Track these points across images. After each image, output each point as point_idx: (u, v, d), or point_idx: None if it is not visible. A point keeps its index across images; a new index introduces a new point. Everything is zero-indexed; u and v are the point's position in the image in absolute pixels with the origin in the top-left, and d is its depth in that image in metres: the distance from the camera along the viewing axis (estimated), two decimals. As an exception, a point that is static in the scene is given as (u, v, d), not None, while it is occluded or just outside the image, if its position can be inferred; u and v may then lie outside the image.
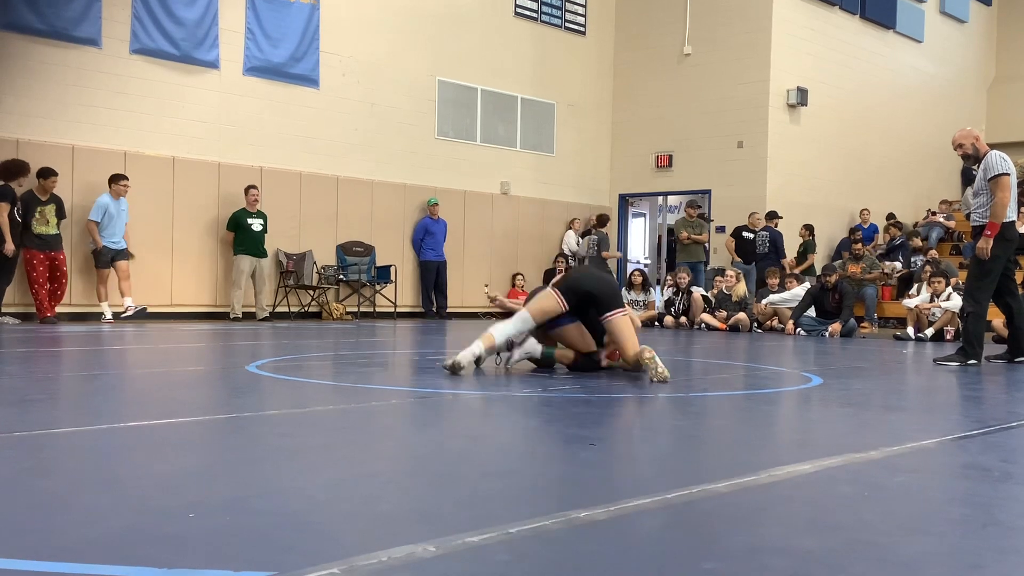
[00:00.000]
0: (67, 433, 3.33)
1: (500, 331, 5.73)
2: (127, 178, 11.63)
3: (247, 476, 2.69)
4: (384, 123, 14.72)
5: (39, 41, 11.37)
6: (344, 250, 14.18)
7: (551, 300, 5.74)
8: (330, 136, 14.08)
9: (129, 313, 11.45)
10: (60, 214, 11.16)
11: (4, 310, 10.87)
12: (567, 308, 5.72)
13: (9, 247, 10.45)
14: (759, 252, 15.27)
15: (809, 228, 16.01)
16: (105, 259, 11.48)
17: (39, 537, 1.99)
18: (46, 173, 10.98)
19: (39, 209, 10.94)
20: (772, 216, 15.48)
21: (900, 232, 16.61)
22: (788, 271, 14.49)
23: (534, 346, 5.88)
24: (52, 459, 2.92)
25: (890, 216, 17.49)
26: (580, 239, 16.94)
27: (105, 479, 2.61)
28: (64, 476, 2.66)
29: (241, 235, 12.57)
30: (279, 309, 13.45)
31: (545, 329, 5.88)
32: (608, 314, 5.68)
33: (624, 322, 5.69)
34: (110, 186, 11.53)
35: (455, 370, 5.49)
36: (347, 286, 14.21)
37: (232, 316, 12.52)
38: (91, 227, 11.40)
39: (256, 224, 12.69)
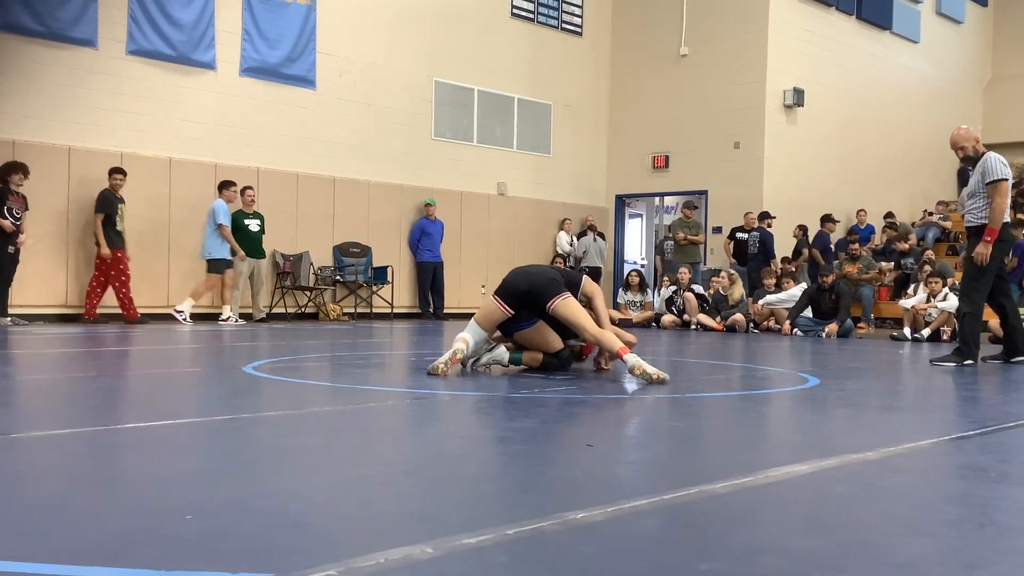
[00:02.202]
0: (64, 435, 3.33)
1: (468, 336, 5.68)
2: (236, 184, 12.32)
3: (244, 477, 2.69)
4: (381, 124, 14.72)
5: (35, 42, 11.36)
6: (341, 251, 14.17)
7: (493, 306, 5.69)
8: (327, 137, 14.08)
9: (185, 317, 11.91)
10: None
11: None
12: (511, 312, 5.65)
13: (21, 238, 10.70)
14: (750, 253, 15.30)
15: (803, 228, 16.00)
16: (226, 264, 12.12)
17: (36, 539, 1.99)
18: (115, 171, 11.42)
19: (120, 207, 11.40)
20: (764, 217, 15.49)
21: (895, 233, 16.62)
22: (778, 273, 14.48)
23: (502, 353, 5.84)
24: (49, 461, 2.91)
25: (888, 215, 17.50)
26: (574, 239, 16.95)
27: (102, 481, 2.60)
28: (61, 478, 2.66)
29: (239, 236, 12.56)
30: (276, 310, 13.44)
31: (506, 334, 5.85)
32: (549, 305, 5.55)
33: (568, 305, 5.54)
34: (221, 192, 12.16)
35: (437, 372, 5.43)
36: (344, 287, 14.20)
37: (229, 317, 12.50)
38: (227, 232, 12.08)
39: (253, 225, 12.68)
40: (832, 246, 15.87)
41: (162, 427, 3.56)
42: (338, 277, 13.95)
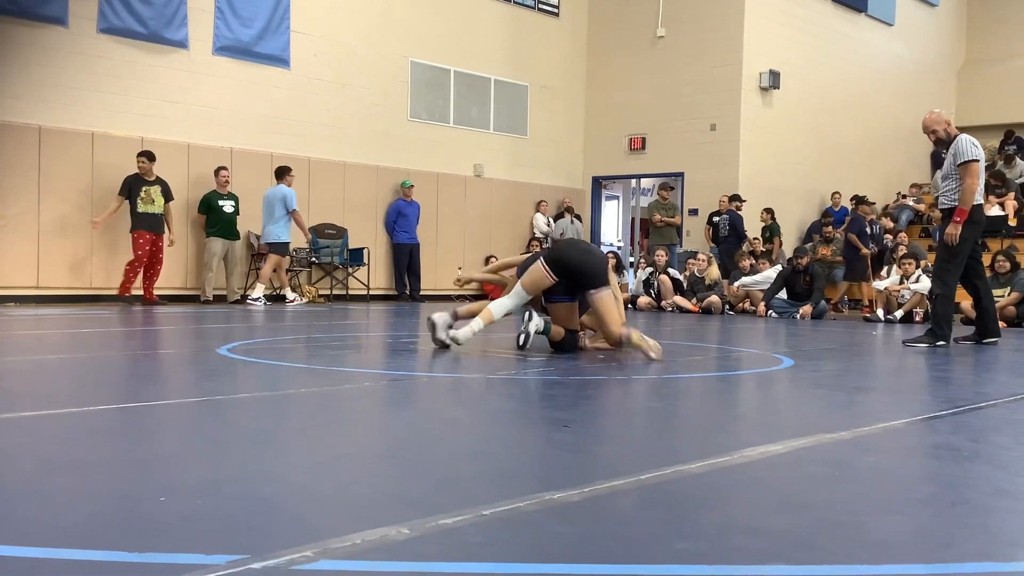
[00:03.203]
0: (35, 417, 3.29)
1: (499, 307, 5.82)
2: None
3: (219, 459, 2.67)
4: (356, 104, 14.62)
5: (4, 20, 11.17)
6: (316, 232, 14.08)
7: (539, 272, 5.82)
8: (301, 117, 13.97)
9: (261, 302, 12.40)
10: (167, 195, 11.72)
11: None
12: (555, 280, 5.79)
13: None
14: (721, 235, 15.38)
15: (770, 211, 16.02)
16: (288, 249, 12.71)
17: (8, 522, 1.96)
18: (140, 155, 11.60)
19: (144, 189, 11.49)
20: (734, 199, 15.53)
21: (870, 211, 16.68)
22: (752, 251, 14.57)
23: (539, 321, 5.87)
24: (19, 444, 2.88)
25: (854, 198, 17.58)
26: (551, 221, 16.95)
27: (74, 463, 2.58)
28: (32, 461, 2.63)
29: (213, 217, 12.46)
30: (250, 292, 13.35)
31: (543, 301, 6.00)
32: (593, 290, 5.78)
33: (608, 299, 5.78)
34: (282, 178, 12.60)
35: (451, 344, 5.60)
36: (320, 268, 14.13)
37: (203, 299, 12.43)
38: (299, 217, 12.54)
39: (228, 206, 12.57)
40: (829, 228, 15.82)
41: (135, 409, 3.53)
42: (314, 259, 13.88)
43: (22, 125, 11.32)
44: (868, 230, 14.65)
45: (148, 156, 11.65)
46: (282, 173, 12.68)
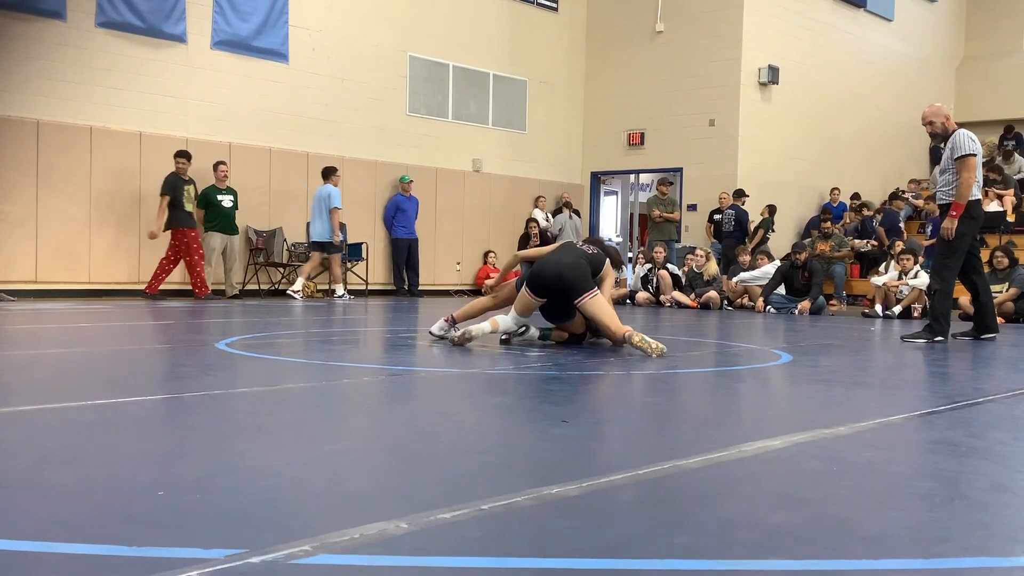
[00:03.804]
0: (32, 411, 3.29)
1: (503, 321, 5.97)
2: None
3: (217, 454, 2.67)
4: (355, 99, 14.60)
5: (1, 13, 11.14)
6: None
7: (525, 297, 5.96)
8: (300, 112, 13.95)
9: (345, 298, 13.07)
10: (196, 195, 12.08)
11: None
12: (543, 300, 5.94)
13: None
14: (724, 231, 15.37)
15: (771, 208, 16.07)
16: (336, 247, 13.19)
17: (5, 516, 1.96)
18: (178, 155, 11.90)
19: (185, 188, 11.78)
20: (739, 195, 15.54)
21: (869, 212, 16.73)
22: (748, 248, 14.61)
23: (534, 333, 6.26)
24: (16, 438, 2.88)
25: (855, 196, 17.61)
26: (549, 216, 16.94)
27: (72, 457, 2.58)
28: (29, 455, 2.63)
29: (212, 212, 12.44)
30: (249, 287, 13.36)
31: (548, 320, 6.24)
32: (578, 300, 5.81)
33: (597, 303, 5.80)
34: (328, 178, 13.07)
35: (464, 341, 5.73)
36: (319, 264, 14.10)
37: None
38: (336, 216, 12.92)
39: (226, 200, 12.56)
40: (827, 223, 15.86)
41: (133, 403, 3.53)
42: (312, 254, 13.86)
43: (20, 119, 11.30)
44: (901, 225, 14.93)
45: (187, 156, 11.98)
46: (328, 173, 13.22)
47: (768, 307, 12.47)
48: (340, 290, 13.24)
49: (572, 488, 2.26)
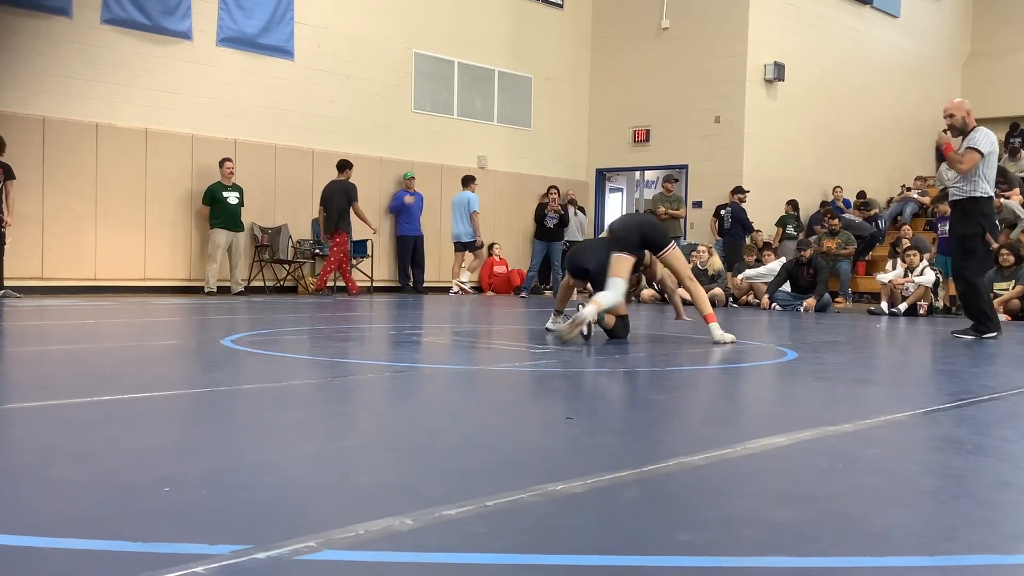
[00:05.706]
0: (39, 407, 3.30)
1: (603, 298, 6.02)
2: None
3: (223, 450, 2.68)
4: (360, 96, 14.60)
5: (7, 10, 11.16)
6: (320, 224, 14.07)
7: (622, 259, 6.26)
8: (305, 109, 13.95)
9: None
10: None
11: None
12: (635, 256, 6.40)
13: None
14: (725, 227, 15.38)
15: (793, 203, 16.10)
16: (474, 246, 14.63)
17: (11, 512, 1.97)
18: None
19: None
20: (737, 191, 15.52)
21: (871, 211, 16.70)
22: (755, 244, 14.58)
23: (592, 312, 6.18)
24: (23, 434, 2.89)
25: (860, 194, 17.58)
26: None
27: (79, 453, 2.58)
28: (36, 451, 2.63)
29: (217, 209, 12.45)
30: (254, 283, 13.37)
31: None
32: (662, 252, 6.49)
33: (677, 255, 6.56)
34: (467, 186, 14.55)
35: (577, 331, 5.81)
36: (323, 260, 14.11)
37: (207, 290, 12.43)
38: (477, 219, 14.50)
39: (232, 197, 12.57)
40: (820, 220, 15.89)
41: (139, 400, 3.53)
42: (317, 250, 13.87)
43: (26, 116, 11.32)
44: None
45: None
46: (468, 181, 14.69)
47: (773, 304, 12.46)
48: (465, 276, 14.83)
49: (577, 485, 2.26)
